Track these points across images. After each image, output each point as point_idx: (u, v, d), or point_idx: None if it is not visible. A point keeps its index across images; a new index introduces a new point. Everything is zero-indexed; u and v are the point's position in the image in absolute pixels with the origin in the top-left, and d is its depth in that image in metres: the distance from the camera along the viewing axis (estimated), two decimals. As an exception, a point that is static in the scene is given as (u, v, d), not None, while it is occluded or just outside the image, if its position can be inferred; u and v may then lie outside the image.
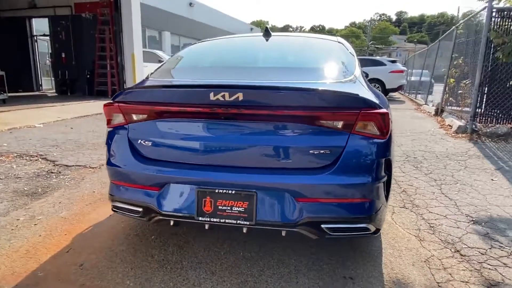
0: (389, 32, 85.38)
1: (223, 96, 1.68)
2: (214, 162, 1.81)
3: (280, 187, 1.73)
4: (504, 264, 2.16)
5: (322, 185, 1.70)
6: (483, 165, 4.27)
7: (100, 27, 12.05)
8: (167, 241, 2.35)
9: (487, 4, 5.40)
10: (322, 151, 1.71)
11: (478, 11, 5.99)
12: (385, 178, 1.82)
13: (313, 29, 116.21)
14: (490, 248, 2.34)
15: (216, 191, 1.77)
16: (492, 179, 3.73)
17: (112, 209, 2.11)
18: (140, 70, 12.34)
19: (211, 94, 1.69)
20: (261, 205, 1.74)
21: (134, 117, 1.91)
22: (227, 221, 1.77)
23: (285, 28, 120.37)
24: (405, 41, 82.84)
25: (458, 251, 2.31)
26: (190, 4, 25.86)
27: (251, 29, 39.56)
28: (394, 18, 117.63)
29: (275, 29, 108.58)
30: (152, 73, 2.29)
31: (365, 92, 1.86)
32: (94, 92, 12.50)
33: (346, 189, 1.72)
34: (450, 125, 6.45)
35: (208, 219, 1.79)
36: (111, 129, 2.02)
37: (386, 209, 1.98)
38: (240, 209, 1.75)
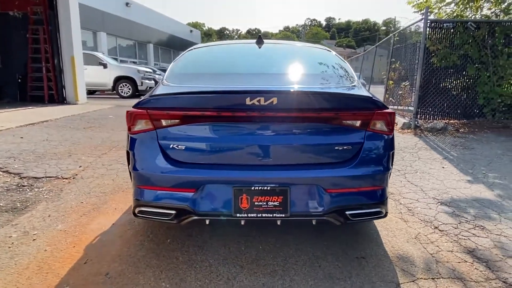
0: (320, 37, 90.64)
1: (259, 101, 1.83)
2: (249, 161, 1.95)
3: (311, 181, 1.93)
4: (473, 234, 2.63)
5: (347, 176, 1.94)
6: (432, 155, 4.95)
7: (32, 26, 10.99)
8: (185, 243, 2.40)
9: (423, 16, 6.24)
10: (345, 147, 1.96)
11: (415, 21, 6.86)
12: (392, 168, 2.13)
13: (249, 33, 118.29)
14: (459, 223, 2.81)
15: (252, 188, 1.91)
16: (443, 167, 4.37)
17: (136, 214, 2.11)
18: (81, 73, 11.58)
19: (247, 99, 1.83)
20: (294, 198, 1.93)
21: (164, 122, 1.96)
22: (263, 215, 1.92)
23: (222, 31, 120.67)
24: (335, 45, 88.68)
25: (436, 227, 2.74)
26: (127, 4, 24.73)
27: (191, 31, 39.10)
28: (324, 23, 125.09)
29: (211, 31, 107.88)
30: (165, 79, 2.33)
31: (372, 95, 2.15)
32: (28, 98, 11.35)
33: (366, 179, 1.99)
34: (395, 123, 7.25)
35: (246, 215, 1.92)
36: (135, 135, 2.02)
37: None
38: (275, 203, 1.92)
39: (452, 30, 6.42)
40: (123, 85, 14.41)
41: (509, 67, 6.26)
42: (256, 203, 1.92)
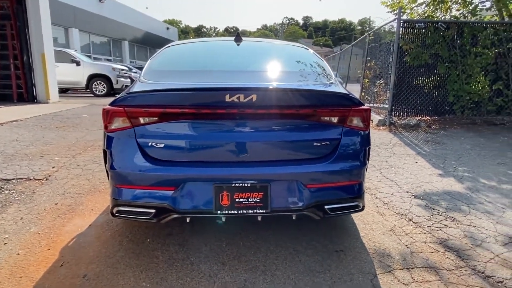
0: (298, 36, 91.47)
1: (238, 98, 1.84)
2: (229, 158, 1.95)
3: (291, 176, 1.96)
4: (445, 225, 2.75)
5: (325, 172, 1.98)
6: (406, 151, 5.12)
7: (-2, 21, 10.48)
8: (165, 242, 2.37)
9: (397, 16, 6.42)
10: (323, 143, 2.00)
11: (389, 21, 7.05)
12: (368, 163, 2.20)
13: (227, 31, 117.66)
14: (432, 215, 2.93)
15: (233, 185, 1.92)
16: (416, 162, 4.54)
17: (114, 214, 2.06)
18: (52, 71, 11.15)
19: (227, 96, 1.84)
20: (275, 194, 1.95)
21: (142, 120, 1.93)
22: (244, 211, 1.93)
23: (199, 29, 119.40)
24: (312, 44, 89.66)
25: (411, 219, 2.84)
26: (100, -1, 24.02)
27: (168, 28, 38.45)
28: (301, 22, 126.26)
29: (188, 28, 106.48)
30: (142, 76, 2.28)
31: (348, 92, 2.20)
32: (-6, 97, 10.82)
33: (344, 173, 2.04)
34: (371, 119, 7.45)
35: (226, 212, 1.92)
36: (112, 133, 1.98)
37: None
38: (256, 199, 1.93)
39: (423, 30, 6.65)
40: (97, 83, 14.00)
41: (476, 66, 6.56)
42: (237, 200, 1.92)
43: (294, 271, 2.07)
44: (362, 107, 2.07)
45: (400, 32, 6.54)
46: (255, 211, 1.94)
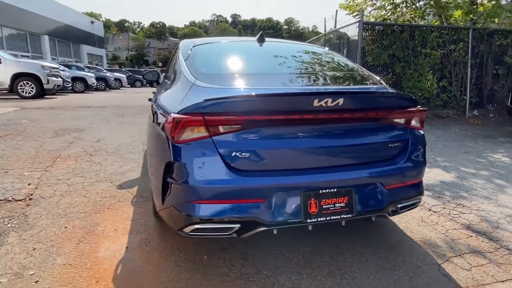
0: (229, 34, 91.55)
1: (326, 102, 1.79)
2: (315, 164, 1.89)
3: (373, 179, 1.98)
4: (460, 212, 3.04)
5: (401, 171, 2.05)
6: (385, 145, 5.51)
7: None
8: (225, 257, 2.22)
9: (359, 19, 6.85)
10: (397, 144, 2.06)
11: (351, 23, 7.48)
12: None
13: (153, 26, 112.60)
14: (444, 204, 3.21)
15: (320, 192, 1.87)
16: (400, 155, 4.91)
17: (187, 234, 1.86)
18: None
19: (315, 101, 1.78)
20: (358, 197, 1.95)
21: (222, 129, 1.76)
22: (332, 217, 1.90)
23: (122, 23, 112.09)
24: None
25: (430, 209, 3.08)
26: (13, -13, 21.13)
27: (92, 22, 35.42)
28: (230, 20, 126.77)
29: (109, 22, 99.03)
30: (197, 80, 2.07)
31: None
32: None
33: (414, 172, 2.13)
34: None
35: (315, 220, 1.87)
36: (183, 144, 1.78)
37: None
38: (341, 204, 1.91)
39: (382, 32, 7.21)
40: (24, 84, 12.34)
41: (426, 65, 7.34)
42: (324, 207, 1.88)
43: (369, 271, 2.11)
44: (421, 107, 2.18)
45: (363, 34, 7.00)
46: (341, 216, 1.92)
